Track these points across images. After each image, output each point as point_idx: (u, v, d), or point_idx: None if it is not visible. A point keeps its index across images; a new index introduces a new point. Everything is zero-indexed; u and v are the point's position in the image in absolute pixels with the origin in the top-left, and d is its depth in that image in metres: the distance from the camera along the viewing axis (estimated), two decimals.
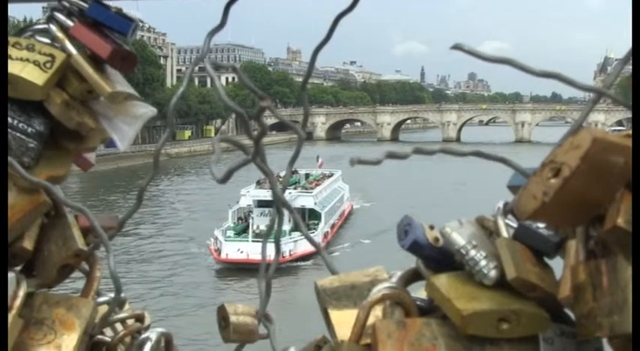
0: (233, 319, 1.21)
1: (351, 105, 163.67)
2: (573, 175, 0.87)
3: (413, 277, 1.08)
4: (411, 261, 1.08)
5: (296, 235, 36.65)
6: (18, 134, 1.19)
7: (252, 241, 39.71)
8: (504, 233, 1.02)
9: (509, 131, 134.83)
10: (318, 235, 40.24)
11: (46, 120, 1.21)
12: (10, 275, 1.15)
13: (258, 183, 46.58)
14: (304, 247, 36.44)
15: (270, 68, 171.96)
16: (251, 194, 44.89)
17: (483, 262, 0.97)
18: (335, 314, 1.11)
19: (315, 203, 43.95)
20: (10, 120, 1.19)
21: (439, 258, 1.03)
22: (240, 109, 1.10)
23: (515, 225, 1.04)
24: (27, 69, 1.16)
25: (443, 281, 0.99)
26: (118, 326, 1.31)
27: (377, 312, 1.04)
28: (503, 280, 0.96)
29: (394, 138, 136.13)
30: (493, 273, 0.97)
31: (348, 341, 1.03)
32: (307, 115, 1.21)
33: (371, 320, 1.03)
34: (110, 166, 73.79)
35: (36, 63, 1.17)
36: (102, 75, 1.20)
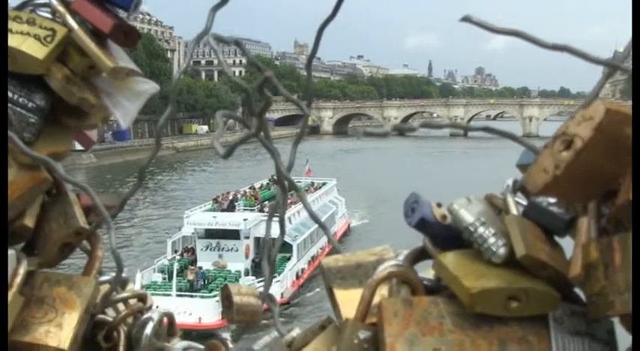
0: (237, 299, 1.19)
1: (358, 99, 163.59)
2: (586, 147, 0.84)
3: (420, 255, 1.05)
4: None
5: (250, 279, 26.85)
6: (18, 109, 1.17)
7: (178, 295, 27.22)
8: (514, 211, 1.00)
9: (516, 126, 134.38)
10: (283, 280, 29.45)
11: (47, 95, 1.19)
12: (11, 253, 1.13)
13: (216, 201, 36.11)
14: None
15: (277, 62, 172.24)
16: (192, 220, 31.82)
17: (492, 240, 0.95)
18: (340, 294, 1.09)
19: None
20: (10, 94, 1.17)
21: (447, 236, 1.01)
22: (245, 84, 1.08)
23: (524, 203, 1.01)
24: (27, 43, 1.14)
25: (450, 259, 0.96)
26: (120, 306, 1.29)
27: (383, 291, 1.02)
28: (513, 258, 0.94)
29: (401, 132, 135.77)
30: (502, 250, 0.95)
31: (352, 319, 1.00)
32: (312, 92, 1.19)
33: (376, 300, 1.00)
34: (117, 159, 74.10)
35: (36, 37, 1.15)
36: (104, 50, 1.18)
